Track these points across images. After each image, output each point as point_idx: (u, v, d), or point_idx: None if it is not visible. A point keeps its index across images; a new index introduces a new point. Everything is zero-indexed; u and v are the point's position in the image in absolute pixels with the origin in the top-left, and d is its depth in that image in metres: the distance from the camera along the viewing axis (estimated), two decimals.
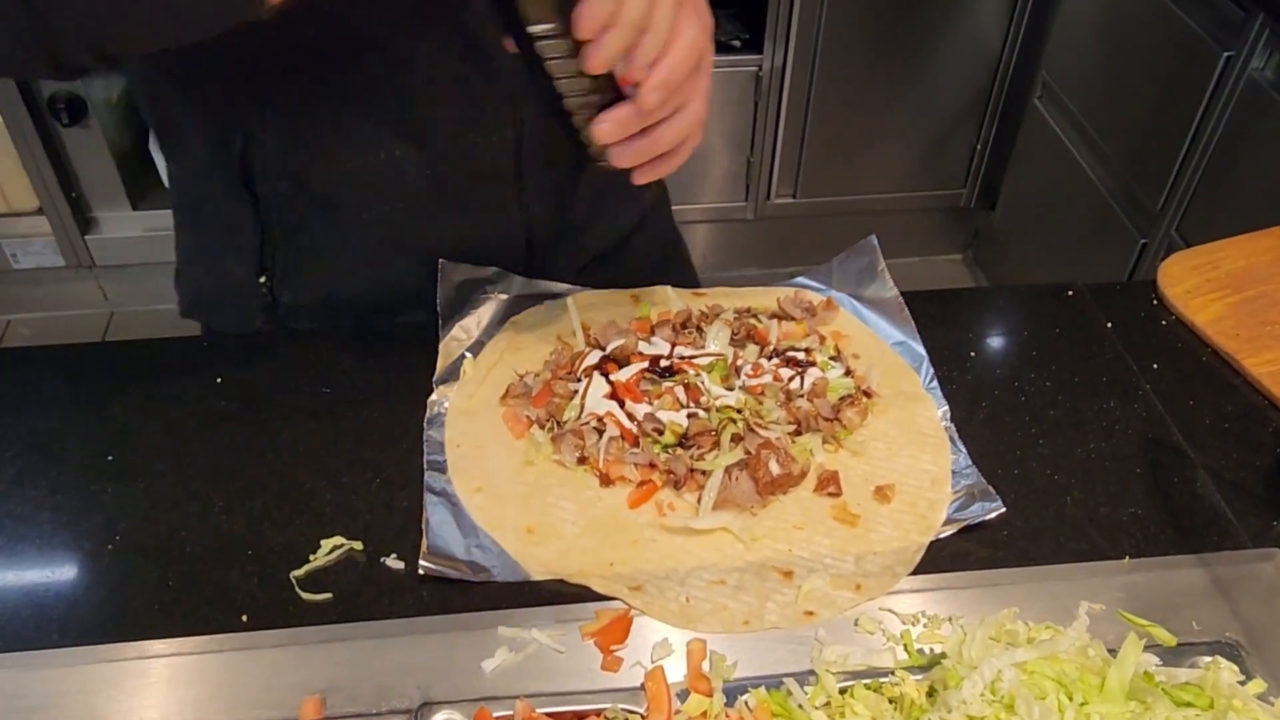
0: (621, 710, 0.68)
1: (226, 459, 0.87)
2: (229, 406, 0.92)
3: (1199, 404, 0.94)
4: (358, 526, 0.82)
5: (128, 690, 0.71)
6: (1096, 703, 0.64)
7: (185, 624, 0.75)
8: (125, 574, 0.78)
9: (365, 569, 0.79)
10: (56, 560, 0.80)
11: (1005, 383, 0.96)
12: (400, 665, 0.72)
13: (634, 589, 0.77)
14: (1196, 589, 0.79)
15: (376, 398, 0.93)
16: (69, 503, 0.83)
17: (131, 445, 0.88)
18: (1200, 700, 0.65)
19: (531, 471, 0.86)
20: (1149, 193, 2.09)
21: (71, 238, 2.49)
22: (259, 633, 0.74)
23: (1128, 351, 0.99)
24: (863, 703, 0.68)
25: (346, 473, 0.86)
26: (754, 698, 0.69)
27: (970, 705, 0.64)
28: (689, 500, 0.83)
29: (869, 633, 0.75)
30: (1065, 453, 0.89)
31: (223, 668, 0.72)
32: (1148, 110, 2.11)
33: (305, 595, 0.76)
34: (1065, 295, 1.06)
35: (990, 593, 0.78)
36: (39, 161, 2.33)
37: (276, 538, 0.81)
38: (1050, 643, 0.69)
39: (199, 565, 0.79)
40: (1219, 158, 1.92)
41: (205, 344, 0.99)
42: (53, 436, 0.89)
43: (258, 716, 0.69)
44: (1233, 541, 0.82)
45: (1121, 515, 0.84)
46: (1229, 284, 1.05)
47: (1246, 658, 0.73)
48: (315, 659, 0.73)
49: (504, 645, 0.73)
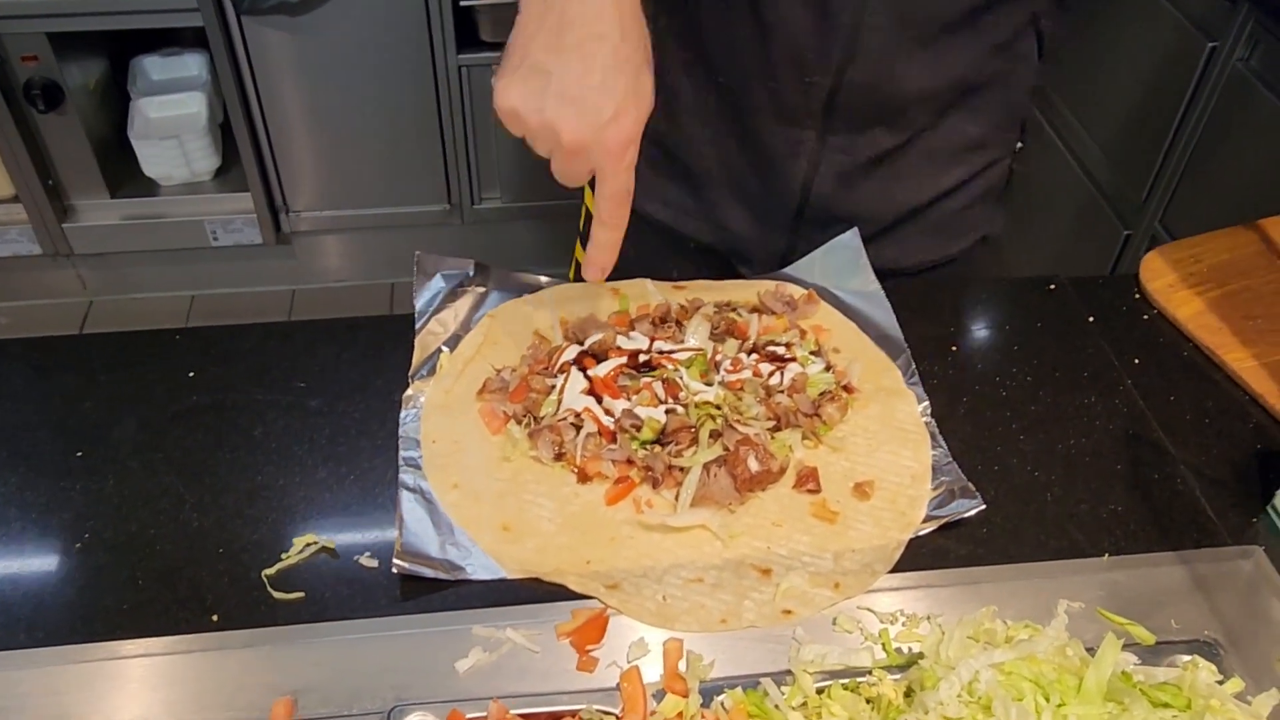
0: (597, 711, 0.68)
1: (198, 455, 0.86)
2: (201, 401, 0.91)
3: (1180, 399, 0.94)
4: (331, 524, 0.81)
5: (98, 691, 0.70)
6: (1074, 704, 0.63)
7: (156, 623, 0.74)
8: (95, 572, 0.77)
9: (338, 567, 0.78)
10: (24, 558, 0.78)
11: (987, 377, 0.95)
12: (373, 666, 0.71)
13: (611, 587, 0.76)
14: (1176, 586, 0.78)
15: (351, 392, 0.91)
16: (38, 500, 0.82)
17: (102, 440, 0.87)
18: (1178, 700, 0.65)
19: (508, 468, 0.85)
20: (1133, 184, 2.09)
21: (49, 226, 2.46)
22: (230, 633, 0.73)
23: (1109, 346, 0.99)
24: (840, 703, 0.68)
25: (320, 469, 0.85)
26: (730, 698, 0.68)
27: (947, 706, 0.64)
28: (667, 497, 0.82)
29: (847, 631, 0.75)
30: (1046, 449, 0.89)
31: (194, 668, 0.71)
32: (1133, 101, 2.11)
33: (277, 594, 0.75)
34: (1048, 288, 1.06)
35: (969, 590, 0.78)
36: (15, 148, 2.30)
37: (248, 535, 0.80)
38: (1028, 643, 0.69)
39: (170, 563, 0.78)
40: (1203, 149, 1.92)
41: (178, 337, 0.97)
42: (22, 430, 0.88)
43: (230, 718, 0.68)
44: (1212, 538, 0.82)
45: (1101, 512, 0.84)
46: (1211, 278, 1.05)
47: (1225, 656, 0.73)
48: (287, 659, 0.72)
49: (478, 645, 0.72)
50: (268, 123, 2.36)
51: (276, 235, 2.59)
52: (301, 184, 2.52)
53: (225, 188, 2.54)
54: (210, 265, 2.65)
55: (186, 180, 2.50)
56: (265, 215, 2.52)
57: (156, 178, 2.48)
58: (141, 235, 2.51)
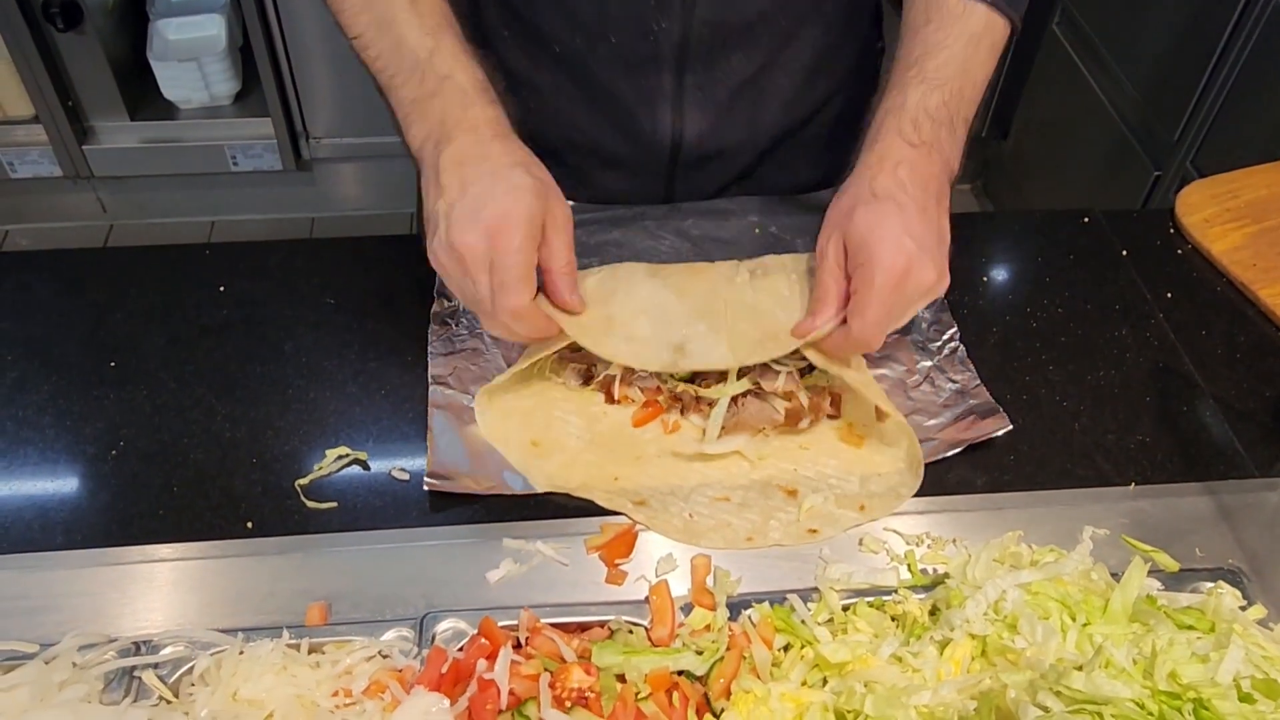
0: (625, 623, 0.68)
1: (229, 368, 0.86)
2: (231, 316, 0.91)
3: (1211, 333, 0.93)
4: (362, 437, 0.81)
5: (132, 593, 0.71)
6: (1099, 624, 0.64)
7: (190, 530, 0.75)
8: (129, 479, 0.78)
9: (370, 479, 0.79)
10: (60, 465, 0.79)
11: (1017, 308, 0.95)
12: (405, 574, 0.72)
13: (638, 503, 0.76)
14: (1201, 516, 0.79)
15: (381, 309, 0.91)
16: (71, 408, 0.83)
17: (133, 352, 0.87)
18: (1201, 624, 0.65)
19: (537, 385, 0.85)
20: (1166, 123, 2.05)
21: (69, 147, 2.44)
22: (264, 539, 0.74)
23: (1142, 279, 0.98)
24: (865, 619, 0.69)
25: (350, 383, 0.85)
26: (757, 613, 0.69)
27: (973, 624, 0.65)
28: (695, 421, 0.82)
29: (873, 552, 0.75)
30: (1075, 379, 0.89)
31: (228, 572, 0.73)
32: (1169, 38, 2.05)
33: (310, 503, 0.76)
34: (1081, 221, 1.04)
35: (994, 516, 0.78)
36: (34, 67, 2.27)
37: (280, 446, 0.80)
38: (1054, 565, 0.69)
39: (203, 472, 0.79)
40: (1240, 89, 1.88)
41: (207, 252, 0.97)
42: (52, 341, 0.88)
43: (262, 620, 0.69)
44: (1239, 470, 0.82)
45: (1129, 442, 0.84)
46: (1248, 214, 1.03)
47: (1248, 585, 0.73)
48: (320, 566, 0.73)
49: (508, 557, 0.73)
50: (288, 47, 2.33)
51: (297, 161, 2.57)
52: (322, 110, 2.49)
53: (245, 113, 2.51)
54: (230, 191, 2.63)
55: (206, 104, 2.48)
56: (285, 141, 2.50)
57: (176, 100, 2.45)
58: (161, 158, 2.49)
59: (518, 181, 0.73)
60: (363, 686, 0.64)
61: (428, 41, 0.79)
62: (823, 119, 1.04)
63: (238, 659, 0.65)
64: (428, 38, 0.79)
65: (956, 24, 0.82)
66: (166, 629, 0.68)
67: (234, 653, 0.65)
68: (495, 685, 0.61)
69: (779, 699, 0.63)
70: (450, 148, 0.74)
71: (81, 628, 0.68)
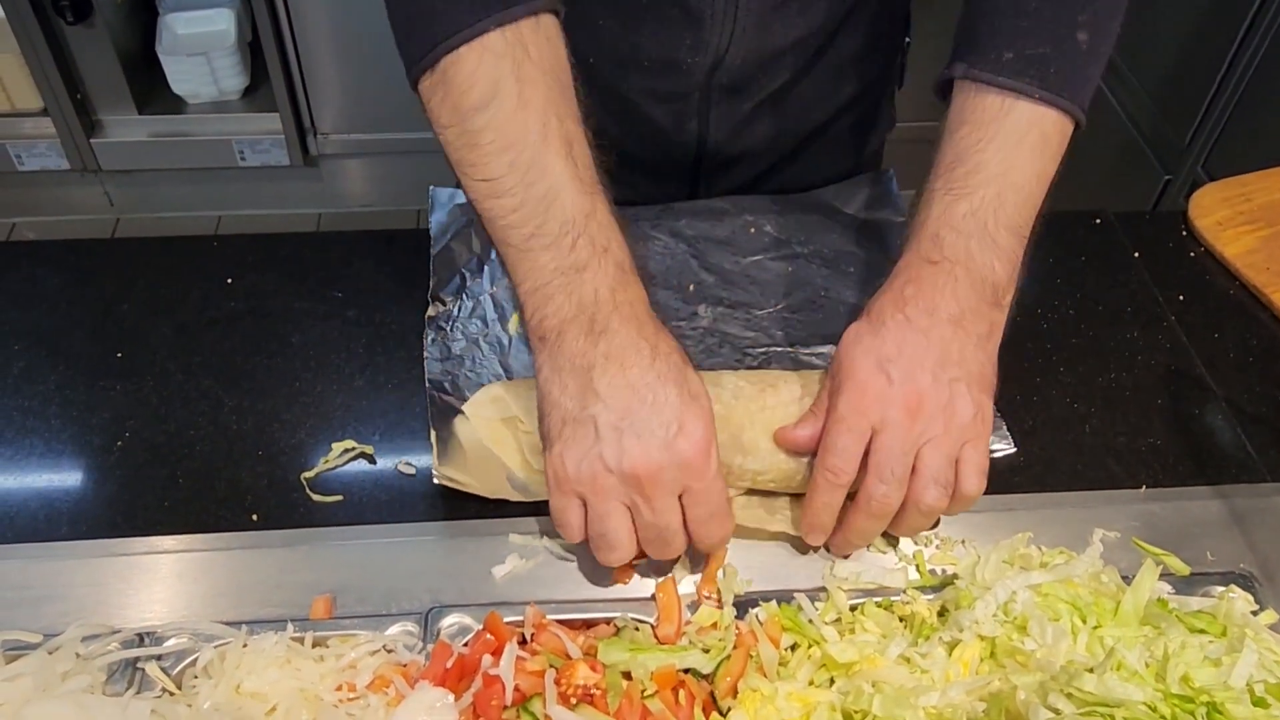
0: (632, 620, 0.68)
1: (236, 360, 0.86)
2: (238, 308, 0.91)
3: (1223, 336, 0.93)
4: (369, 431, 0.81)
5: (137, 585, 0.71)
6: (1110, 626, 0.63)
7: (196, 522, 0.75)
8: (135, 470, 0.78)
9: (376, 473, 0.78)
10: (65, 455, 0.79)
11: (1027, 309, 0.94)
12: (410, 568, 0.72)
13: None
14: (1212, 520, 0.78)
15: (388, 304, 0.91)
16: (78, 399, 0.83)
17: (140, 343, 0.87)
18: (1213, 628, 0.65)
19: None
20: (1177, 128, 2.05)
21: (77, 140, 2.44)
22: (269, 532, 0.74)
23: (1154, 282, 0.97)
24: (873, 619, 0.68)
25: (358, 377, 0.85)
26: (765, 611, 0.69)
27: (982, 625, 0.64)
28: None
29: (881, 552, 0.75)
30: (1085, 381, 0.88)
31: (232, 565, 0.72)
32: (1180, 42, 2.05)
33: (316, 496, 0.76)
34: (1093, 223, 1.04)
35: (1004, 518, 0.77)
36: (43, 60, 2.28)
37: (287, 439, 0.80)
38: (1065, 567, 0.69)
39: (209, 464, 0.78)
40: (1251, 93, 1.87)
41: (215, 244, 0.97)
42: (59, 332, 0.88)
43: (267, 613, 0.69)
44: (1250, 474, 0.81)
45: (1140, 445, 0.83)
46: (1261, 217, 1.03)
47: (1260, 589, 0.73)
48: (325, 559, 0.72)
49: (515, 552, 0.73)
50: (297, 42, 2.33)
51: (304, 157, 2.57)
52: (330, 106, 2.49)
53: (253, 107, 2.52)
54: (237, 185, 2.64)
55: (214, 99, 2.48)
56: (293, 136, 2.50)
57: (184, 95, 2.46)
58: (169, 153, 2.49)
59: (694, 389, 0.65)
60: (367, 681, 0.63)
61: (584, 203, 0.68)
62: (847, 117, 1.04)
63: (241, 652, 0.65)
64: (585, 198, 0.68)
65: (993, 124, 0.75)
66: (170, 621, 0.68)
67: (238, 645, 0.65)
68: (500, 681, 0.61)
69: (786, 698, 0.63)
70: (607, 342, 0.64)
71: (85, 618, 0.67)
